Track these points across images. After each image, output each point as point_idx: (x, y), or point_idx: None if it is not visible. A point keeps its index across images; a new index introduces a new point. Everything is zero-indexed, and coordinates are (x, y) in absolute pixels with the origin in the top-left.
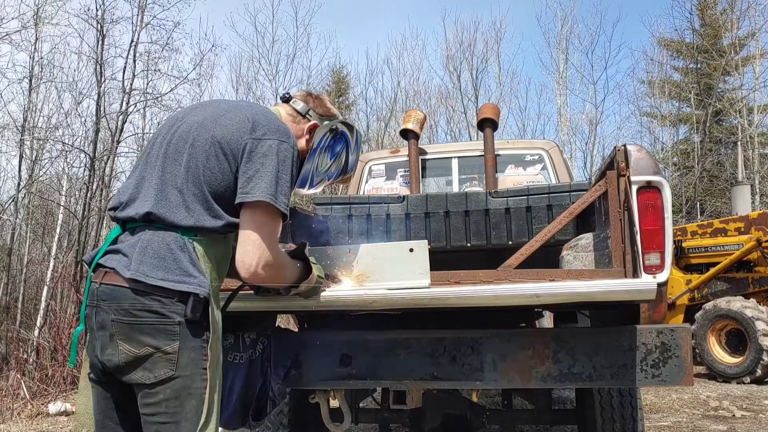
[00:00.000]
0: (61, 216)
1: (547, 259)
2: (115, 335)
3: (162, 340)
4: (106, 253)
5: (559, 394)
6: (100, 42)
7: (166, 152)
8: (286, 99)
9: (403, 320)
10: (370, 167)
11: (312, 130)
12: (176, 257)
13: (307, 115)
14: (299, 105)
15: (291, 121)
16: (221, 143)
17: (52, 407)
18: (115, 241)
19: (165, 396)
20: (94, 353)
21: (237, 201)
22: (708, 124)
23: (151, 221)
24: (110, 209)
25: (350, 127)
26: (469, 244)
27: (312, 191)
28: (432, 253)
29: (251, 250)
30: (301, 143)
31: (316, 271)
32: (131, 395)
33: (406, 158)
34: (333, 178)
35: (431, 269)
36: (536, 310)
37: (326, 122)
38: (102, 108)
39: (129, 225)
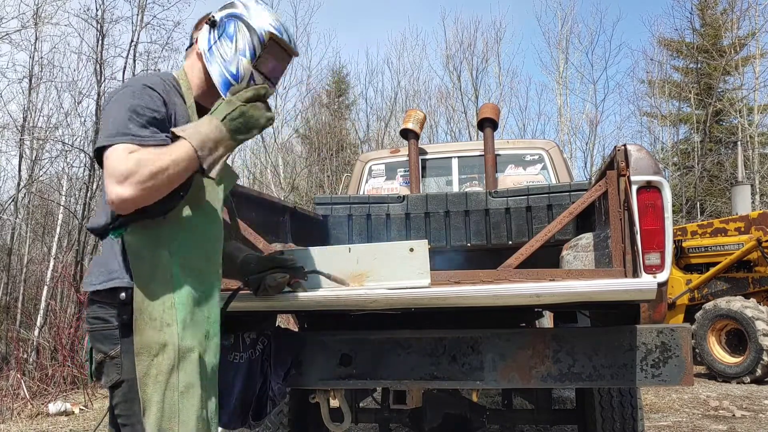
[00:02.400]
0: (61, 216)
1: (548, 259)
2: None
3: (107, 345)
4: None
5: (559, 394)
6: (100, 42)
7: None
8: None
9: (403, 320)
10: (370, 167)
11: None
12: (106, 260)
13: (193, 43)
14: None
15: (197, 61)
16: None
17: (52, 407)
18: None
19: (118, 399)
20: None
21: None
22: (708, 124)
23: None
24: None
25: (229, 3)
26: (469, 244)
27: (246, 83)
28: (432, 253)
29: (107, 186)
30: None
31: (185, 135)
32: None
33: (406, 158)
34: (255, 54)
35: (431, 269)
36: (536, 310)
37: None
38: (102, 108)
39: None
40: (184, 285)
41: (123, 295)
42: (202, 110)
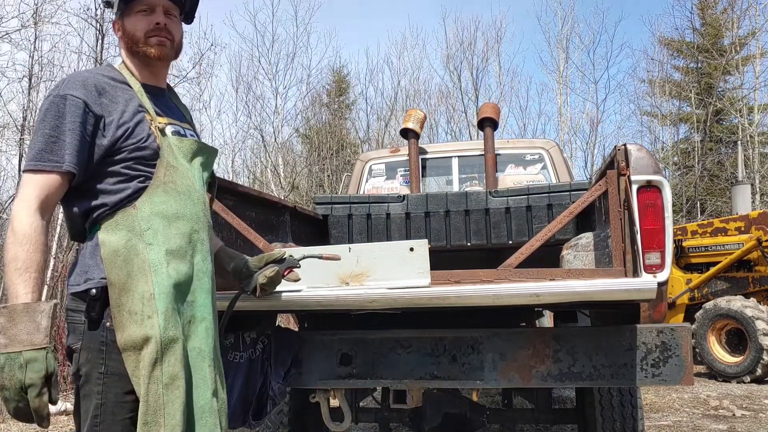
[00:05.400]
0: (60, 216)
1: (548, 258)
2: None
3: (73, 338)
4: None
5: (559, 394)
6: (100, 41)
7: None
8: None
9: (403, 320)
10: (370, 167)
11: (120, 19)
12: (83, 260)
13: (115, 20)
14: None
15: (122, 42)
16: None
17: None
18: None
19: (74, 391)
20: None
21: None
22: (708, 124)
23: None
24: None
25: None
26: (469, 244)
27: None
28: (432, 252)
29: (16, 206)
30: (133, 26)
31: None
32: None
33: (406, 158)
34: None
35: (431, 269)
36: (536, 309)
37: None
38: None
39: None
40: (164, 273)
41: (93, 291)
42: (150, 90)
